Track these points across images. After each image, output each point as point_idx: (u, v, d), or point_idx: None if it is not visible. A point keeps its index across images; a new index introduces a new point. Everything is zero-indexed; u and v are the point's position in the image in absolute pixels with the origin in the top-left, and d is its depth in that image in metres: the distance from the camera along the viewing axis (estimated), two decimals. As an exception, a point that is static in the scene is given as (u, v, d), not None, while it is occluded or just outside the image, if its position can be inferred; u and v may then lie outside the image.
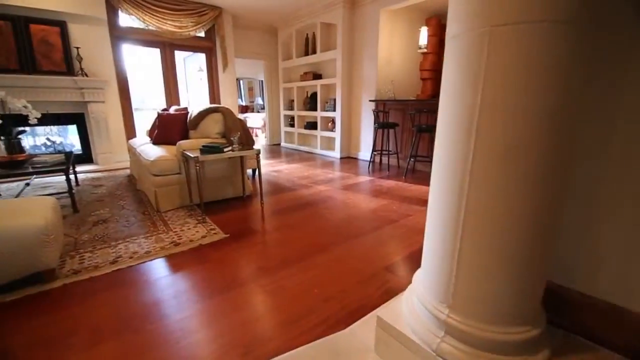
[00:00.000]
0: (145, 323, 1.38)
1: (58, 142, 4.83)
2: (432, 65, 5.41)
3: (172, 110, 3.62)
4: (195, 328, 1.35)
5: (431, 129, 3.61)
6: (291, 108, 6.45)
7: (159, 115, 3.24)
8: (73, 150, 4.82)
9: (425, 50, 4.60)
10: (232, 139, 2.74)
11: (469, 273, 0.84)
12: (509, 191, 0.74)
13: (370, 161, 4.74)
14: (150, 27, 4.84)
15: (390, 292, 1.59)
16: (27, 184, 3.33)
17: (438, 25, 5.36)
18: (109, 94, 4.66)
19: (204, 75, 6.43)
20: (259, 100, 11.98)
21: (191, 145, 2.72)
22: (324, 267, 1.84)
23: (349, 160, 5.29)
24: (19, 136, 3.17)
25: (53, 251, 1.66)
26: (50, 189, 3.45)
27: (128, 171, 4.43)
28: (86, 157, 4.79)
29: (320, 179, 3.93)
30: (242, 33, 6.31)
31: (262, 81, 11.42)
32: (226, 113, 2.94)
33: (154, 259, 1.94)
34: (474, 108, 0.72)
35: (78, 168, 3.95)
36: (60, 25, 4.23)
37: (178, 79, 5.59)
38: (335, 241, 2.18)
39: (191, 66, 7.84)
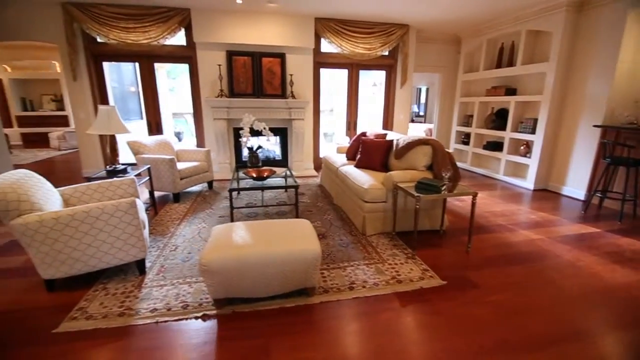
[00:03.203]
0: (410, 376, 1.46)
1: (264, 148, 6.03)
2: None
3: (370, 134, 3.88)
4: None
5: None
6: (467, 124, 5.92)
7: (363, 141, 3.51)
8: (275, 156, 5.91)
9: None
10: (443, 174, 2.67)
11: None
12: None
13: (585, 201, 3.80)
14: (344, 52, 5.34)
15: None
16: (262, 190, 4.26)
17: None
18: (307, 112, 5.43)
19: (377, 89, 6.68)
20: (414, 108, 11.70)
21: (401, 178, 2.80)
22: (596, 367, 1.52)
23: (546, 194, 4.42)
24: (258, 150, 4.06)
25: (318, 272, 1.99)
26: (270, 192, 4.30)
27: (316, 180, 5.07)
28: (284, 163, 5.76)
29: (522, 220, 3.41)
30: (422, 46, 6.16)
31: (419, 89, 11.09)
32: (436, 147, 2.89)
33: (383, 294, 2.08)
34: None
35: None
36: (281, 56, 5.19)
37: (347, 92, 5.96)
38: (592, 329, 1.78)
39: (362, 80, 8.30)
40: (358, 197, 3.02)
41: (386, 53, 5.68)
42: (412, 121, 11.19)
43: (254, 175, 3.34)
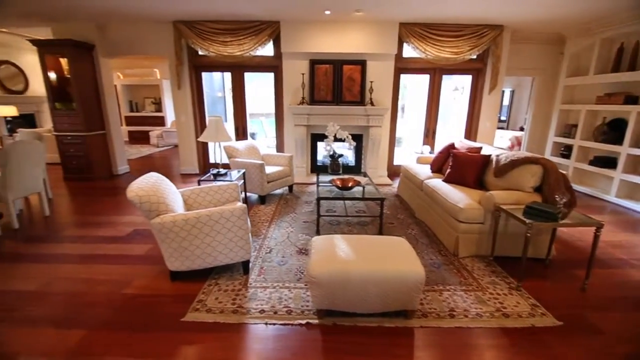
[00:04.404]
0: None
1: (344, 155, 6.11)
2: None
3: (460, 147, 3.67)
4: None
5: None
6: (569, 135, 5.23)
7: (454, 155, 3.33)
8: (348, 162, 5.95)
9: None
10: (557, 198, 2.39)
11: None
12: None
13: None
14: (428, 56, 5.12)
15: None
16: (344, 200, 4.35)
17: None
18: (384, 120, 5.36)
19: (459, 94, 6.28)
20: (494, 112, 10.70)
21: (505, 199, 2.59)
22: None
23: (677, 223, 3.69)
24: (339, 158, 4.13)
25: (420, 295, 1.95)
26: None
27: (391, 189, 4.98)
28: (357, 169, 5.78)
29: (649, 255, 2.90)
30: (515, 47, 5.58)
31: (503, 91, 10.10)
32: (549, 167, 2.60)
33: (489, 327, 1.94)
34: None
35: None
36: (362, 63, 5.19)
37: (427, 98, 5.70)
38: None
39: (442, 84, 7.87)
40: (450, 215, 2.87)
41: (474, 56, 5.30)
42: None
43: (339, 184, 3.40)
